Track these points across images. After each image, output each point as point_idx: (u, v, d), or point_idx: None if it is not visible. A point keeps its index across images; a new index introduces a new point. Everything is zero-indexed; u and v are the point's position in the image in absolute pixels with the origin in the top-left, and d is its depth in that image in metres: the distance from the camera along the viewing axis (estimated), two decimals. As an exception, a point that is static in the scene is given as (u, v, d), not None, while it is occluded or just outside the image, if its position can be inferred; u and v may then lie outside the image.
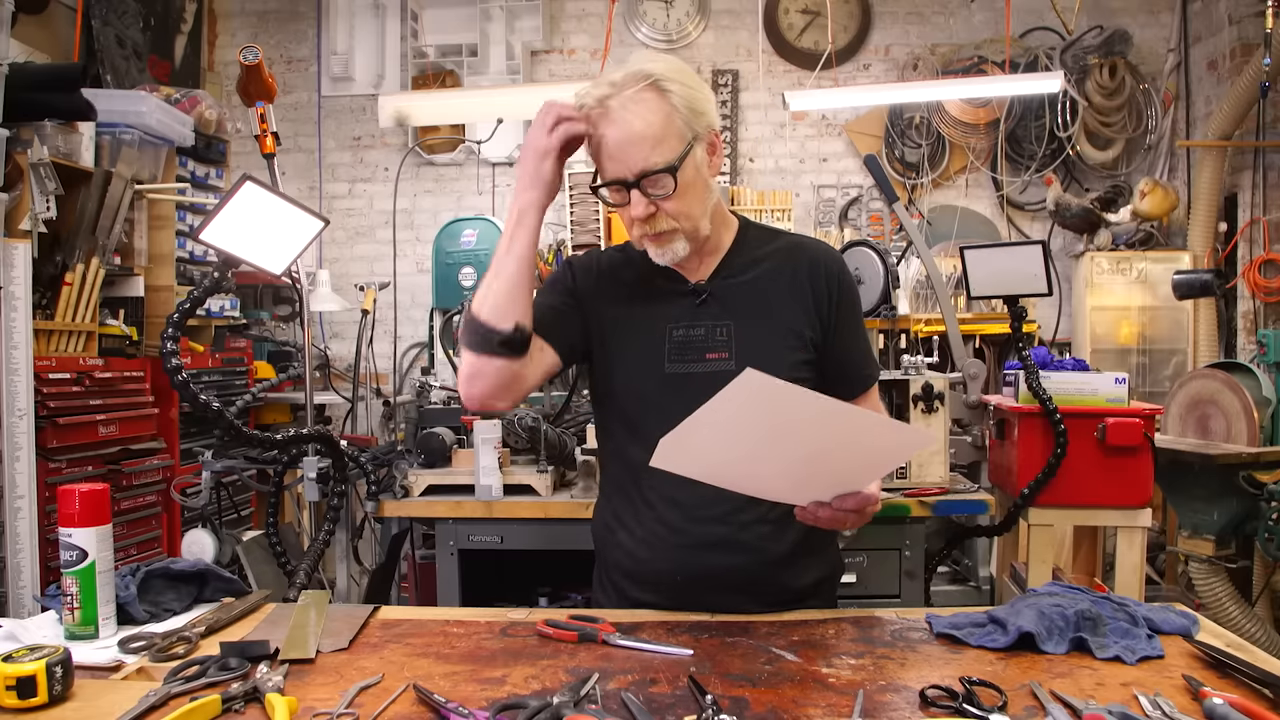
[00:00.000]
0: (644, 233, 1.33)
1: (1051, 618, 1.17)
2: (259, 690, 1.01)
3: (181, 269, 3.51)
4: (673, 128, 1.27)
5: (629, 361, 1.41)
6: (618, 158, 1.28)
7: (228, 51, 4.79)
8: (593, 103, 1.29)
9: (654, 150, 1.26)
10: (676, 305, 1.41)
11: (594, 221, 4.38)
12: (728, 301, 1.40)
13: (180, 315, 1.67)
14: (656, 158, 1.27)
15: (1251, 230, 4.05)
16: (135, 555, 2.93)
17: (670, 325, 1.40)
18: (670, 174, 1.27)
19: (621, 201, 1.31)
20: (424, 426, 2.57)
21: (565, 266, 1.49)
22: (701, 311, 1.40)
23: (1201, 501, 2.95)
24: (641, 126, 1.26)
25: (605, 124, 1.28)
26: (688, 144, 1.29)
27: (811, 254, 1.44)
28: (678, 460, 1.09)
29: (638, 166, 1.27)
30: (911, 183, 4.67)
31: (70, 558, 1.20)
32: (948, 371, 2.60)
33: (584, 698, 1.00)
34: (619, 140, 1.27)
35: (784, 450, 1.10)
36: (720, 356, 1.37)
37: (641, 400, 1.40)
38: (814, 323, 1.41)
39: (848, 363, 1.45)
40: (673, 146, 1.27)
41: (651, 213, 1.29)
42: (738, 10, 4.77)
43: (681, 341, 1.39)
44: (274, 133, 2.41)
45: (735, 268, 1.42)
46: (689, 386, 1.34)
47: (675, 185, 1.28)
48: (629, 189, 1.29)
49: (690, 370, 1.38)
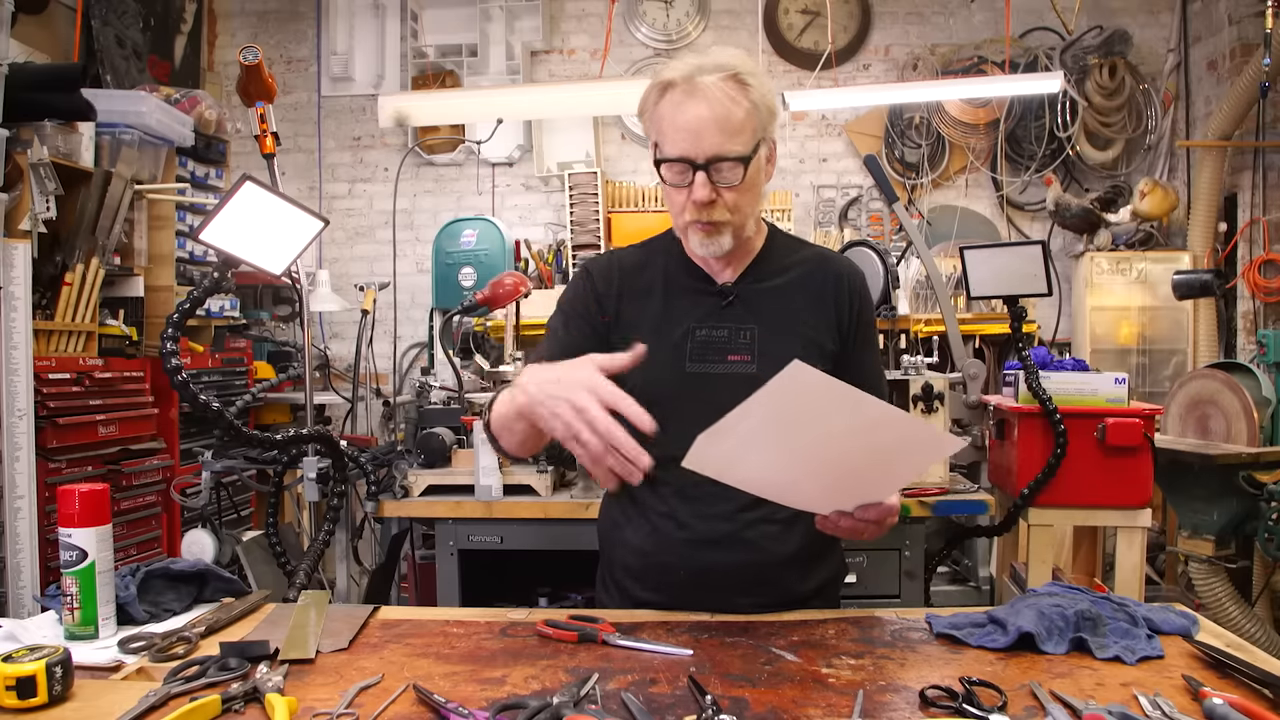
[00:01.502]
0: (696, 218, 1.32)
1: (1051, 618, 1.17)
2: (259, 690, 1.01)
3: (181, 269, 3.51)
4: (750, 122, 1.28)
5: (650, 358, 1.38)
6: (693, 135, 1.26)
7: (228, 51, 4.79)
8: (680, 74, 1.27)
9: (731, 138, 1.26)
10: (702, 305, 1.41)
11: (594, 222, 4.39)
12: (753, 305, 1.41)
13: (180, 315, 1.67)
14: (733, 145, 1.26)
15: (1251, 230, 4.05)
16: (135, 555, 2.93)
17: (694, 325, 1.40)
18: (743, 164, 1.27)
19: (683, 182, 1.29)
20: (424, 426, 2.57)
21: (583, 276, 1.48)
22: (727, 313, 1.41)
23: (1201, 502, 2.95)
24: (725, 111, 1.25)
25: (687, 98, 1.26)
26: (759, 141, 1.30)
27: (836, 268, 1.46)
28: (711, 460, 1.07)
29: (712, 149, 1.26)
30: (911, 183, 4.67)
31: (70, 558, 1.20)
32: (948, 372, 2.60)
33: (584, 698, 1.00)
34: (701, 118, 1.25)
35: (817, 452, 1.09)
36: (742, 359, 1.38)
37: (659, 398, 1.36)
38: (834, 335, 1.42)
39: (862, 379, 1.43)
40: (747, 140, 1.28)
41: (712, 200, 1.29)
42: (737, 10, 4.77)
43: (704, 341, 1.39)
44: (274, 133, 2.41)
45: (763, 272, 1.43)
46: (709, 386, 1.35)
47: (744, 177, 1.28)
48: (695, 170, 1.27)
49: (711, 370, 1.38)
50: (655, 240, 1.49)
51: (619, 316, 1.43)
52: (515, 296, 2.78)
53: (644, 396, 1.39)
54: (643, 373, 1.39)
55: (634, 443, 1.06)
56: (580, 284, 1.48)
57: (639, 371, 1.40)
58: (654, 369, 1.39)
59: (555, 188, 4.77)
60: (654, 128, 1.32)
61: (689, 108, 1.26)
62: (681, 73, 1.28)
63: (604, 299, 1.45)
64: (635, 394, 1.40)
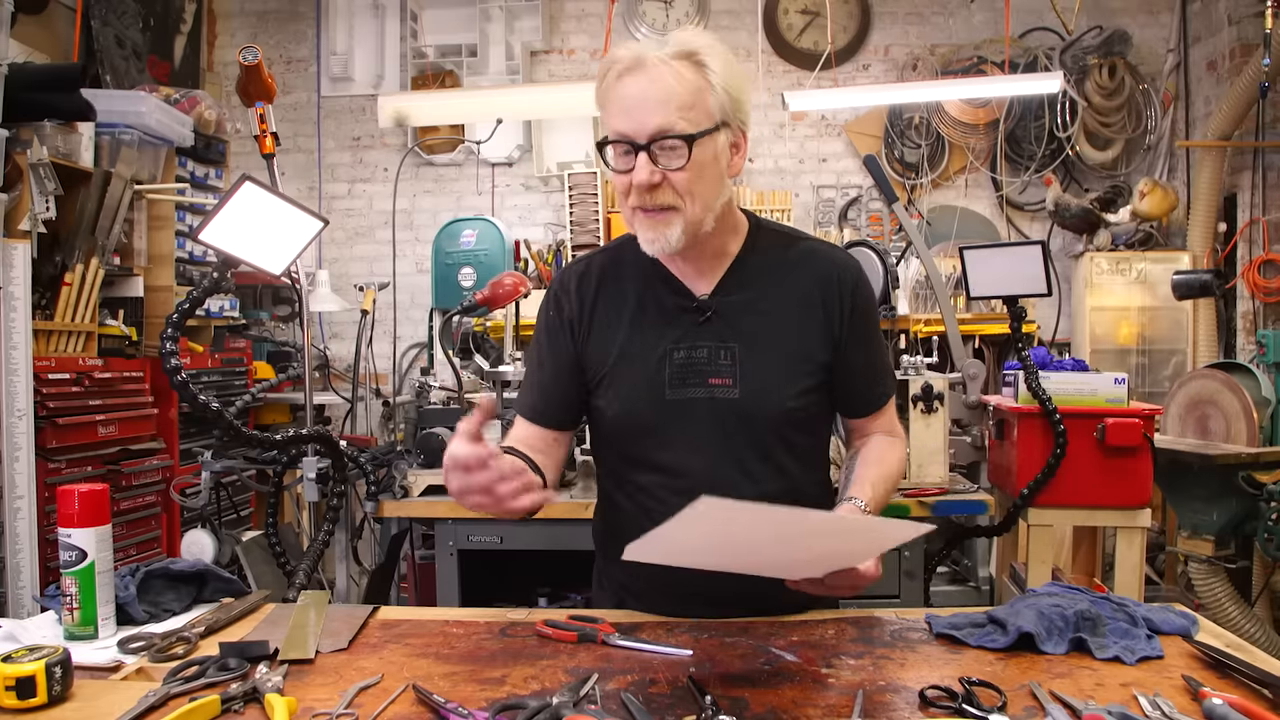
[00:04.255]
0: (641, 204, 1.21)
1: (1051, 618, 1.17)
2: (258, 690, 1.01)
3: (181, 269, 3.51)
4: (702, 102, 1.18)
5: (629, 387, 1.33)
6: (633, 113, 1.18)
7: (227, 52, 4.79)
8: (628, 53, 1.20)
9: (676, 114, 1.17)
10: (678, 324, 1.32)
11: (594, 222, 4.39)
12: (732, 321, 1.31)
13: (180, 315, 1.67)
14: (678, 122, 1.17)
15: (1251, 230, 4.05)
16: (135, 555, 2.93)
17: (670, 347, 1.31)
18: (686, 142, 1.17)
19: (625, 166, 1.20)
20: (423, 426, 2.57)
21: (552, 303, 1.39)
22: (704, 331, 1.31)
23: (1201, 502, 2.95)
24: (668, 88, 1.17)
25: (631, 76, 1.18)
26: (715, 124, 1.20)
27: (826, 266, 1.34)
28: (654, 557, 1.04)
29: (652, 126, 1.16)
30: (911, 183, 4.67)
31: (70, 558, 1.20)
32: (947, 372, 2.60)
33: (583, 698, 1.00)
34: (639, 95, 1.17)
35: (762, 550, 1.07)
36: (724, 382, 1.29)
37: (641, 428, 1.33)
38: (825, 342, 1.32)
39: (860, 380, 1.38)
40: (696, 118, 1.18)
41: (656, 182, 1.19)
42: (737, 10, 4.77)
43: (683, 365, 1.30)
44: (273, 133, 2.41)
45: (741, 280, 1.33)
46: (691, 413, 1.29)
47: (689, 157, 1.18)
48: (637, 151, 1.18)
49: (692, 396, 1.30)
50: (628, 240, 1.34)
51: (590, 337, 1.36)
52: (515, 297, 2.77)
53: (625, 426, 1.34)
54: (621, 403, 1.33)
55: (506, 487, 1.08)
56: (548, 313, 1.40)
57: (618, 401, 1.33)
58: (632, 398, 1.32)
59: (555, 188, 4.77)
60: (602, 114, 1.24)
61: (629, 84, 1.18)
62: (630, 52, 1.20)
63: (573, 324, 1.37)
64: (616, 424, 1.35)
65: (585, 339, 1.36)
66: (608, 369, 1.34)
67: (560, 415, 1.39)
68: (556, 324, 1.38)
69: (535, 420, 1.38)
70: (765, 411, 1.31)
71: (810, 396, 1.32)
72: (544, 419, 1.38)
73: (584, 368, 1.36)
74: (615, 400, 1.34)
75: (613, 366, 1.34)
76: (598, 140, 1.25)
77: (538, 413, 1.39)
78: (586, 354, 1.36)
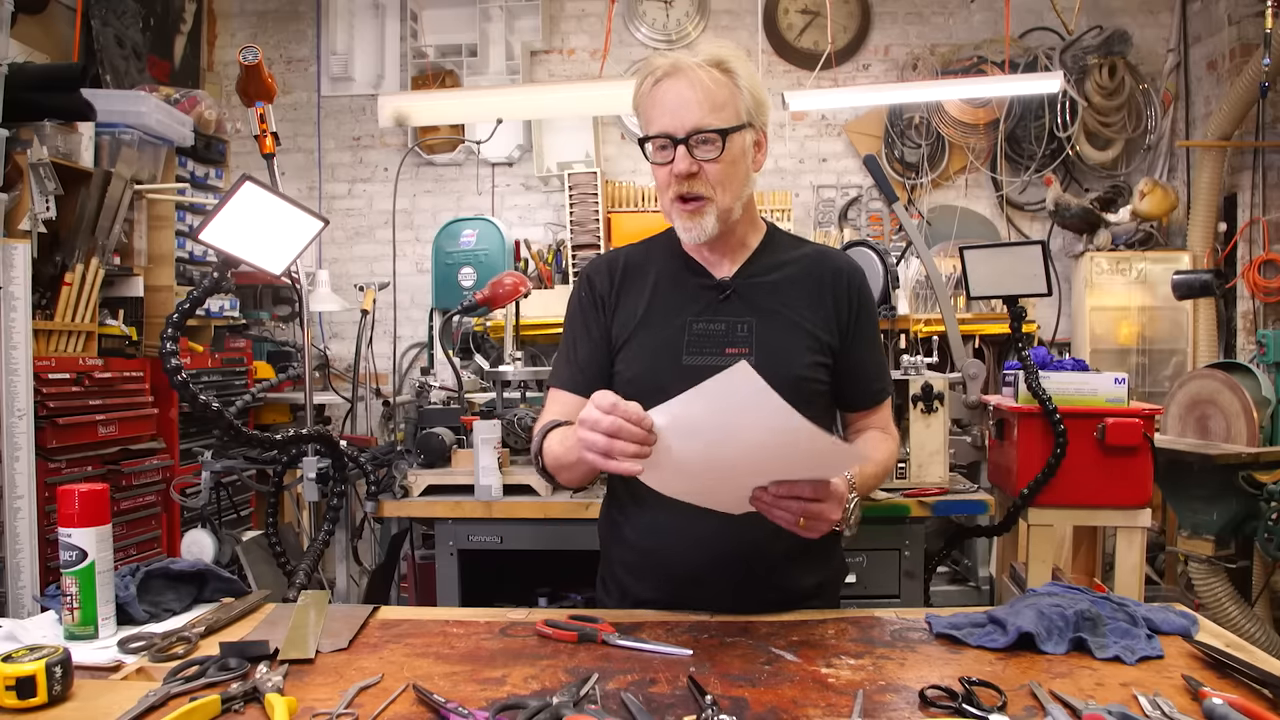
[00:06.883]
0: (679, 192, 1.35)
1: (1051, 618, 1.17)
2: (258, 690, 1.01)
3: (181, 269, 3.51)
4: (733, 102, 1.34)
5: (648, 352, 1.43)
6: (674, 112, 1.32)
7: (227, 51, 4.79)
8: (666, 62, 1.34)
9: (711, 113, 1.32)
10: (700, 299, 1.44)
11: (594, 222, 4.39)
12: (750, 299, 1.43)
13: (180, 315, 1.67)
14: (713, 120, 1.32)
15: (1251, 230, 4.05)
16: (135, 555, 2.94)
17: (691, 318, 1.42)
18: (721, 136, 1.32)
19: (665, 159, 1.35)
20: (423, 426, 2.57)
21: (583, 284, 1.52)
22: (724, 307, 1.43)
23: (1201, 501, 2.95)
24: (705, 90, 1.32)
25: (670, 80, 1.33)
26: (742, 123, 1.35)
27: (835, 263, 1.49)
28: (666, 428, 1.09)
29: (691, 123, 1.31)
30: (911, 183, 4.67)
31: (70, 558, 1.20)
32: (947, 371, 2.60)
33: (584, 698, 1.00)
34: (681, 96, 1.32)
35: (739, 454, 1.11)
36: (740, 352, 1.39)
37: (656, 390, 1.36)
38: (832, 329, 1.44)
39: (860, 375, 1.48)
40: (728, 117, 1.33)
41: (694, 172, 1.33)
42: (737, 10, 4.77)
43: (701, 334, 1.41)
44: (273, 133, 2.41)
45: (761, 267, 1.46)
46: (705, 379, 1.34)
47: (723, 150, 1.33)
48: (676, 145, 1.33)
49: (708, 363, 1.38)
50: (658, 237, 1.52)
51: (617, 310, 1.47)
52: (515, 296, 2.78)
53: (641, 389, 1.40)
54: (640, 365, 1.43)
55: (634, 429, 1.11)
56: (580, 293, 1.51)
57: (636, 364, 1.44)
58: (651, 361, 1.42)
59: (555, 188, 4.77)
60: (642, 115, 1.39)
61: (670, 87, 1.33)
62: (668, 60, 1.35)
63: (604, 299, 1.48)
64: (632, 386, 1.42)
65: (614, 311, 1.48)
66: (629, 334, 1.45)
67: (599, 384, 1.43)
68: (589, 300, 1.50)
69: (574, 389, 1.46)
70: (779, 378, 1.33)
71: (819, 371, 1.42)
72: (582, 388, 1.44)
73: (612, 338, 1.47)
74: (634, 362, 1.44)
75: (634, 332, 1.45)
76: (639, 138, 1.40)
77: (576, 383, 1.46)
78: (614, 324, 1.47)
